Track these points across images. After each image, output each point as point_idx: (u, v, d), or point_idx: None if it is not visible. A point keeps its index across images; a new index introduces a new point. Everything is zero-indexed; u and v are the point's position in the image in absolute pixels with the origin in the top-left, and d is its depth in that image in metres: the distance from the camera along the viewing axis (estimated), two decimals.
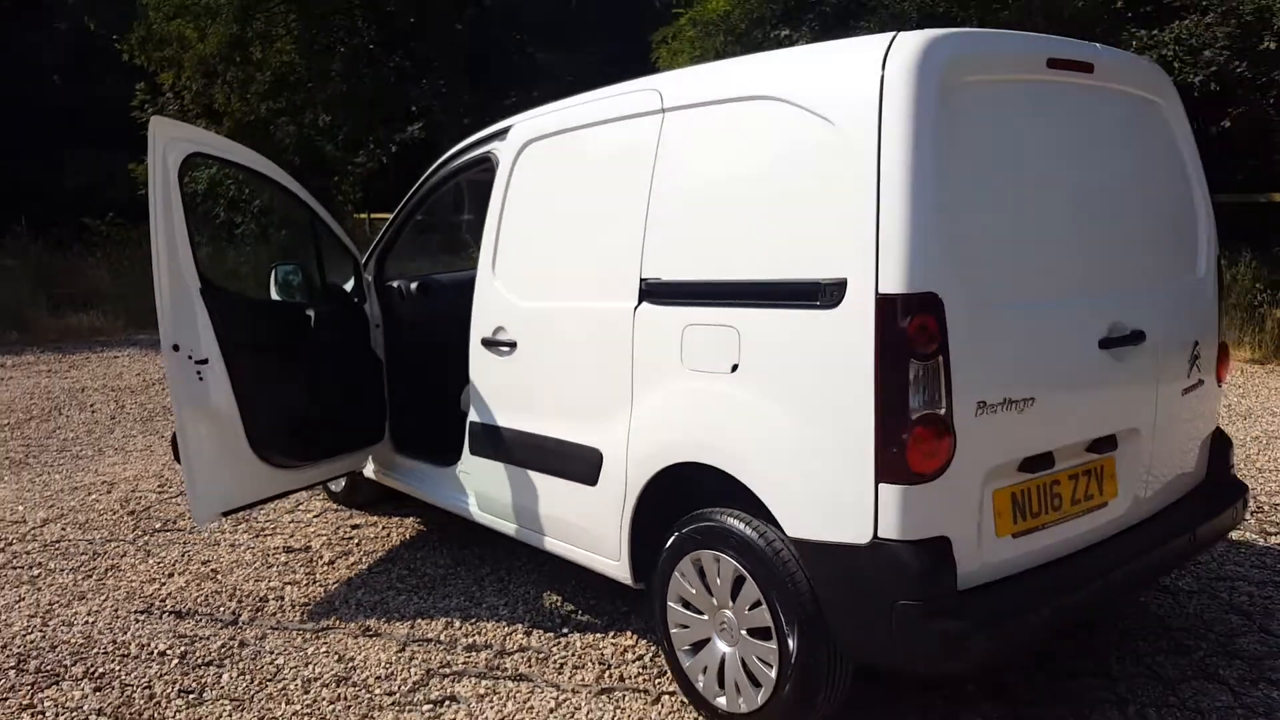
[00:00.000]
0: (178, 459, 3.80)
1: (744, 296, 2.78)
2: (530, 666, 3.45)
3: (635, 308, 3.13)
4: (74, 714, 3.19)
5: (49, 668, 3.51)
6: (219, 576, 4.34)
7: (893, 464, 2.43)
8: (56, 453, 6.69)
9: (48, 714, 3.20)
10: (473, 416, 3.95)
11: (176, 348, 3.71)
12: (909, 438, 2.41)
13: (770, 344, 2.71)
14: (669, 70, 3.50)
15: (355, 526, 4.97)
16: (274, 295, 4.57)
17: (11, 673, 3.48)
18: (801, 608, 2.65)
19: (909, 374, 2.41)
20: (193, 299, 3.75)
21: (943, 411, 2.44)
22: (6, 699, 3.29)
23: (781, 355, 2.68)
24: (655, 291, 3.08)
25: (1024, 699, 3.14)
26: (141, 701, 3.26)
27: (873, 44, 2.57)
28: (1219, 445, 3.48)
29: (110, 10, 20.45)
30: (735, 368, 2.80)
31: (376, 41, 21.63)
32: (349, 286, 4.75)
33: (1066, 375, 2.73)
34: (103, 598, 4.13)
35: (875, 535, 2.47)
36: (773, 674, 2.77)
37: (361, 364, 4.54)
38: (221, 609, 4.00)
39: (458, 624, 3.80)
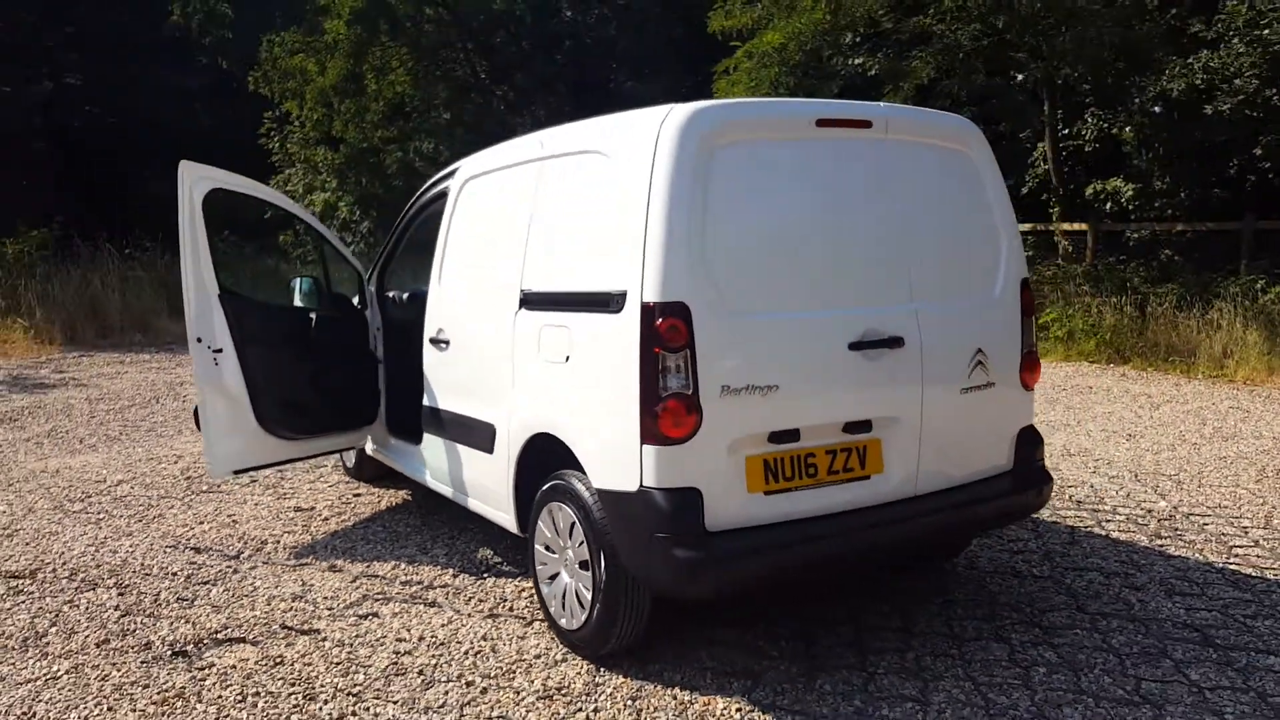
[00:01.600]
0: (198, 427, 4.86)
1: (573, 304, 3.61)
2: (445, 598, 4.32)
3: (516, 313, 3.98)
4: (99, 608, 4.25)
5: (91, 579, 4.60)
6: (236, 525, 5.40)
7: (651, 430, 3.21)
8: (145, 432, 7.99)
9: (81, 606, 4.27)
10: (425, 401, 4.88)
11: (199, 340, 4.77)
12: (663, 411, 3.18)
13: (586, 339, 3.52)
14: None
15: (356, 495, 5.98)
16: (297, 301, 5.62)
17: (64, 580, 4.59)
18: (606, 543, 3.44)
19: (662, 363, 3.18)
20: (212, 301, 4.80)
21: (690, 392, 3.20)
22: (56, 596, 4.40)
23: (591, 348, 3.50)
24: (529, 300, 3.93)
25: (822, 643, 3.81)
26: (149, 603, 4.29)
27: (657, 114, 3.36)
28: (1026, 440, 4.05)
29: (240, 47, 22.56)
30: (568, 358, 3.62)
31: (486, 73, 23.15)
32: (357, 299, 5.76)
33: (812, 369, 3.42)
34: (144, 536, 5.24)
35: (641, 484, 3.25)
36: (590, 597, 3.56)
37: (356, 359, 5.52)
38: (229, 547, 5.03)
39: (403, 566, 4.72)
